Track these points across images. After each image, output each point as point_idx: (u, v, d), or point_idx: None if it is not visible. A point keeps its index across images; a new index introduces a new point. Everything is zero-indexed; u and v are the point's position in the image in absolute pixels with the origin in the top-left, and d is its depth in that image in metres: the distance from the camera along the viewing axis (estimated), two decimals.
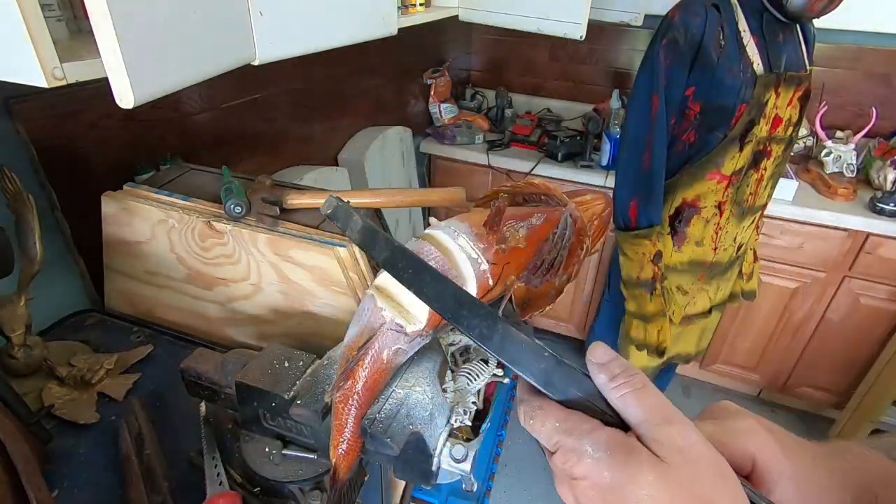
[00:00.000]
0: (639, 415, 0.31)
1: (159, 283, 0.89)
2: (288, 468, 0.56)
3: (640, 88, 1.19)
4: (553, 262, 0.51)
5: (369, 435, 0.42)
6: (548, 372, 0.32)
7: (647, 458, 0.29)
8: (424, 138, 2.30)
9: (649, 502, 0.28)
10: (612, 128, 2.05)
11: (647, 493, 0.28)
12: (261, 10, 0.69)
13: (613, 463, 0.29)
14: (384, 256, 0.35)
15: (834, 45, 2.01)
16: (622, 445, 0.30)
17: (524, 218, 0.49)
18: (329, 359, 0.53)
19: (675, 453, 0.29)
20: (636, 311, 1.36)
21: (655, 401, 0.31)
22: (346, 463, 0.44)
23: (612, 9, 2.02)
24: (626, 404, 0.31)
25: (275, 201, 0.82)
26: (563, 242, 0.51)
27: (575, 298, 2.36)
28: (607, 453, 0.30)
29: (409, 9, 1.48)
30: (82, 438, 0.68)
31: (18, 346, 0.72)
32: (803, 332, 2.07)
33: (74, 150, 0.89)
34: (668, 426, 0.30)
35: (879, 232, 1.76)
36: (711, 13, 1.11)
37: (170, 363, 0.81)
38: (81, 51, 0.55)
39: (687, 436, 0.30)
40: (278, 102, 1.38)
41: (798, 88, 1.21)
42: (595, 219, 0.59)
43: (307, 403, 0.48)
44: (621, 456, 0.30)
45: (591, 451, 0.30)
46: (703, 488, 0.29)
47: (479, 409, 0.50)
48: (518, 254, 0.47)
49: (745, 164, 1.23)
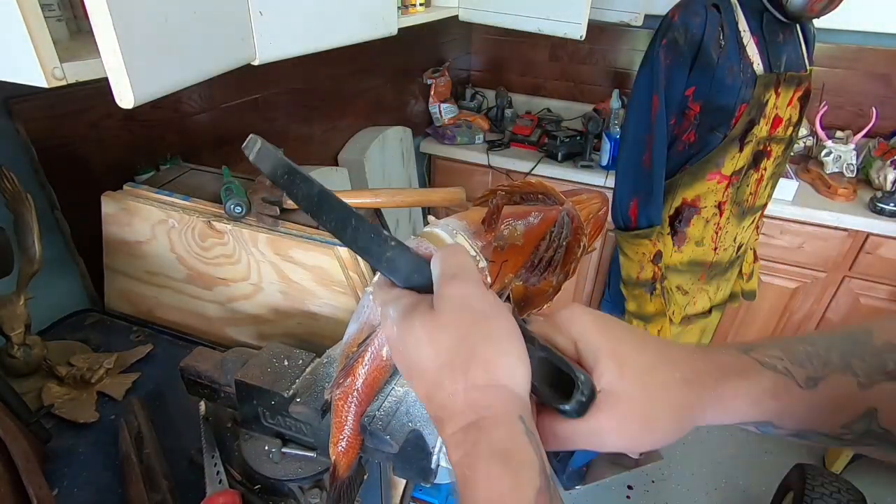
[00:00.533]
0: (434, 273, 0.34)
1: (159, 283, 0.90)
2: (287, 466, 0.56)
3: (640, 88, 1.19)
4: (551, 260, 0.51)
5: (369, 432, 0.42)
6: (393, 259, 0.35)
7: (423, 309, 0.32)
8: (424, 138, 2.30)
9: (417, 348, 0.31)
10: (612, 128, 2.05)
11: (416, 336, 0.32)
12: (261, 10, 0.69)
13: (400, 319, 0.33)
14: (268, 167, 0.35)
15: (834, 45, 2.01)
16: (412, 304, 0.33)
17: (522, 216, 0.49)
18: (329, 357, 0.53)
19: (445, 302, 0.32)
20: (636, 311, 1.36)
21: (455, 261, 0.34)
22: (345, 460, 0.44)
23: (612, 9, 2.02)
24: (433, 264, 0.35)
25: (275, 201, 0.82)
26: (561, 241, 0.51)
27: (575, 298, 2.36)
28: (398, 311, 0.33)
29: (409, 9, 1.48)
30: (82, 438, 0.69)
31: (18, 346, 0.73)
32: (803, 332, 2.06)
33: (74, 150, 0.89)
34: (452, 280, 0.33)
35: (879, 232, 1.76)
36: (711, 13, 1.11)
37: (169, 362, 0.81)
38: (81, 51, 0.55)
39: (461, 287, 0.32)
40: (278, 102, 1.38)
41: (798, 88, 1.21)
42: (592, 217, 0.59)
43: (307, 401, 0.48)
44: (406, 311, 0.33)
45: (391, 314, 0.34)
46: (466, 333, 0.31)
47: None
48: (516, 252, 0.48)
49: (745, 164, 1.23)
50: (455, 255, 0.35)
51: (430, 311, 0.32)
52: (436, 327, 0.31)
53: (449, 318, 0.31)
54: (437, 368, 0.31)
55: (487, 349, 0.31)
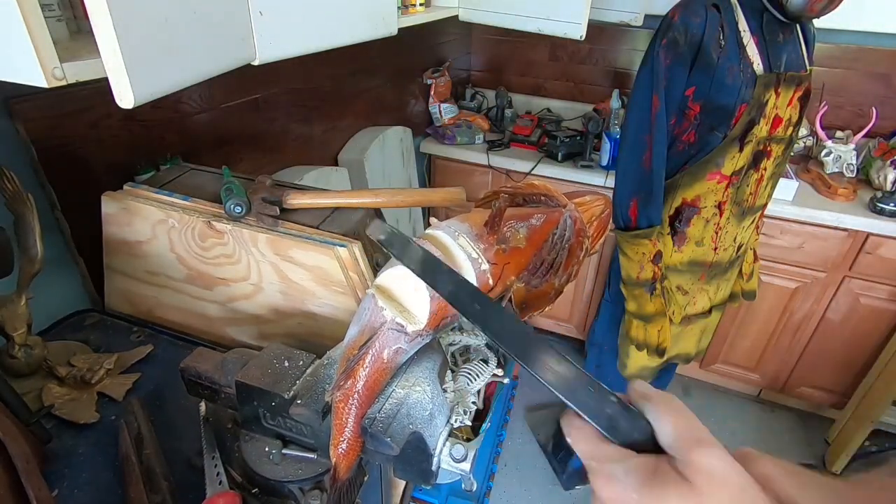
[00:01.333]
0: (671, 435, 0.31)
1: (159, 283, 0.90)
2: (288, 468, 0.56)
3: (641, 88, 1.19)
4: (553, 262, 0.51)
5: (369, 434, 0.42)
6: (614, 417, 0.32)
7: (674, 479, 0.29)
8: (424, 138, 2.30)
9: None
10: (612, 128, 2.05)
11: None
12: (261, 10, 0.69)
13: (640, 485, 0.30)
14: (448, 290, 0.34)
15: (834, 45, 2.01)
16: (651, 468, 0.31)
17: (524, 218, 0.49)
18: (329, 358, 0.53)
19: (701, 475, 0.29)
20: (636, 311, 1.36)
21: (688, 423, 0.32)
22: (346, 462, 0.44)
23: (612, 9, 2.02)
24: (661, 424, 0.32)
25: (275, 201, 0.82)
26: (563, 243, 0.51)
27: (575, 298, 2.36)
28: (636, 476, 0.30)
29: (409, 9, 1.48)
30: (82, 438, 0.68)
31: (19, 346, 0.72)
32: (803, 332, 2.07)
33: (74, 150, 0.89)
34: (698, 448, 0.30)
35: (879, 232, 1.76)
36: (711, 13, 1.11)
37: (169, 363, 0.81)
38: (81, 51, 0.55)
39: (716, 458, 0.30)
40: (278, 102, 1.38)
41: (798, 88, 1.21)
42: (594, 220, 0.59)
43: (307, 403, 0.48)
44: (648, 478, 0.30)
45: (620, 475, 0.31)
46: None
47: (479, 409, 0.50)
48: (518, 254, 0.47)
49: (745, 164, 1.23)
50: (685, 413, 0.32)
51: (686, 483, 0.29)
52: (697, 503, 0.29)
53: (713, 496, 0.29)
54: None
55: None
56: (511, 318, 0.34)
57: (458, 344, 0.56)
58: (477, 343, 0.58)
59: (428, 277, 0.34)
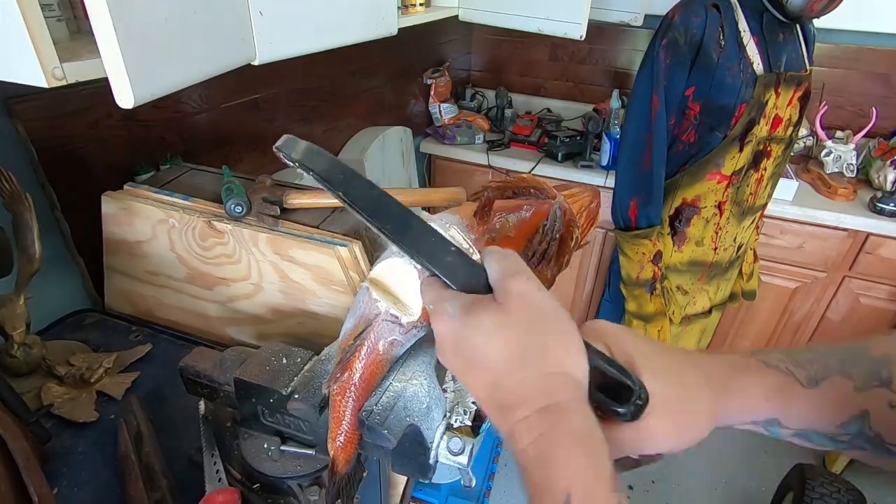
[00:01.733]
0: (494, 272, 0.35)
1: (160, 283, 0.90)
2: (287, 464, 0.56)
3: (641, 88, 1.19)
4: (544, 252, 0.51)
5: (367, 427, 0.42)
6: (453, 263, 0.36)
7: (488, 304, 0.33)
8: (424, 138, 2.30)
9: (486, 339, 0.32)
10: (612, 128, 2.05)
11: (481, 329, 0.33)
12: (261, 10, 0.69)
13: (461, 314, 0.34)
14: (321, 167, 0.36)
15: (834, 45, 2.01)
16: (473, 301, 0.34)
17: (514, 210, 0.50)
18: (327, 355, 0.53)
19: (512, 298, 0.33)
20: (636, 311, 1.36)
21: (511, 262, 0.35)
22: (344, 456, 0.44)
23: (612, 9, 2.02)
24: (489, 265, 0.36)
25: (275, 201, 0.83)
26: (553, 234, 0.52)
27: (575, 298, 2.36)
28: (460, 307, 0.34)
29: (409, 9, 1.48)
30: (81, 437, 0.69)
31: (18, 345, 0.73)
32: (803, 332, 2.07)
33: (74, 150, 0.89)
34: (513, 277, 0.34)
35: (879, 232, 1.76)
36: (711, 13, 1.11)
37: (168, 362, 0.81)
38: (81, 51, 0.55)
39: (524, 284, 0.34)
40: (278, 102, 1.38)
41: (798, 88, 1.21)
42: (584, 210, 0.60)
43: (305, 398, 0.48)
44: (470, 306, 0.34)
45: (449, 309, 0.35)
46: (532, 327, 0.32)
47: (479, 408, 0.50)
48: (509, 244, 0.48)
49: (746, 164, 1.23)
50: (511, 256, 0.36)
51: (497, 305, 0.33)
52: (506, 320, 0.32)
53: (517, 311, 0.33)
54: (507, 357, 0.32)
55: (558, 340, 0.33)
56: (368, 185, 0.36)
57: None
58: None
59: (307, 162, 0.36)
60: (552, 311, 0.34)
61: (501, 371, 0.32)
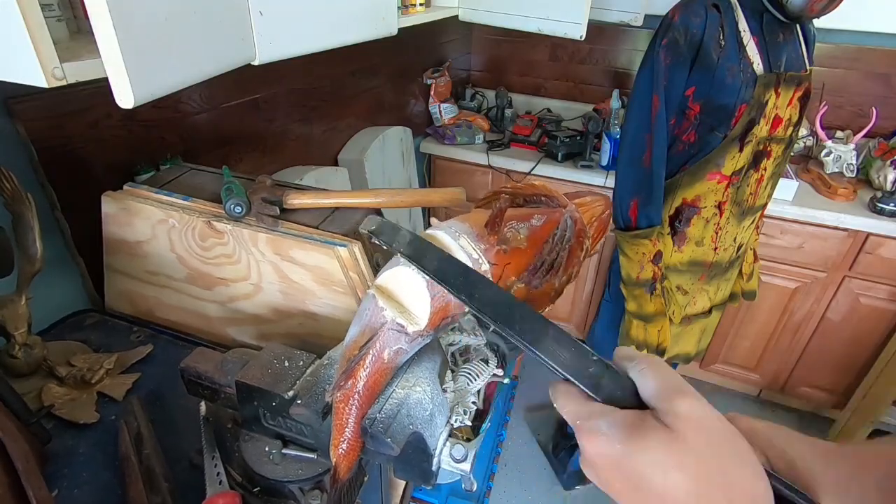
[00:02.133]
0: (652, 388, 0.32)
1: (160, 283, 0.90)
2: (288, 468, 0.56)
3: (641, 88, 1.19)
4: (553, 262, 0.51)
5: (370, 435, 0.42)
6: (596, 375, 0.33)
7: (656, 427, 0.30)
8: (424, 138, 2.30)
9: (657, 469, 0.29)
10: (612, 128, 2.05)
11: (655, 458, 0.29)
12: (261, 10, 0.69)
13: (624, 435, 0.30)
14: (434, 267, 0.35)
15: (834, 45, 2.01)
16: (634, 419, 0.31)
17: (525, 219, 0.49)
18: (329, 358, 0.53)
19: (681, 421, 0.30)
20: (636, 311, 1.36)
21: (669, 375, 0.32)
22: (346, 463, 0.44)
23: (612, 9, 2.02)
24: (644, 379, 0.33)
25: (275, 201, 0.82)
26: (563, 244, 0.51)
27: (575, 298, 2.36)
28: (619, 428, 0.31)
29: (409, 9, 1.48)
30: (82, 438, 0.68)
31: (19, 346, 0.72)
32: (803, 332, 2.07)
33: (74, 150, 0.89)
34: (680, 397, 0.31)
35: (879, 232, 1.76)
36: (711, 13, 1.11)
37: (169, 363, 0.81)
38: (81, 51, 0.55)
39: (696, 405, 0.30)
40: (278, 102, 1.38)
41: (798, 88, 1.21)
42: (595, 220, 0.59)
43: (307, 403, 0.48)
44: (632, 428, 0.31)
45: (605, 429, 0.31)
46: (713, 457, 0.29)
47: (479, 409, 0.50)
48: (519, 254, 0.47)
49: (746, 164, 1.23)
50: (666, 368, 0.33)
51: (668, 431, 0.30)
52: (682, 449, 0.29)
53: (694, 439, 0.29)
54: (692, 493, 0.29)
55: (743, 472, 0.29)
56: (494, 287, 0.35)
57: (458, 344, 0.56)
58: (477, 343, 0.58)
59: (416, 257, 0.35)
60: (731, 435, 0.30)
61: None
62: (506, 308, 0.34)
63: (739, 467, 0.29)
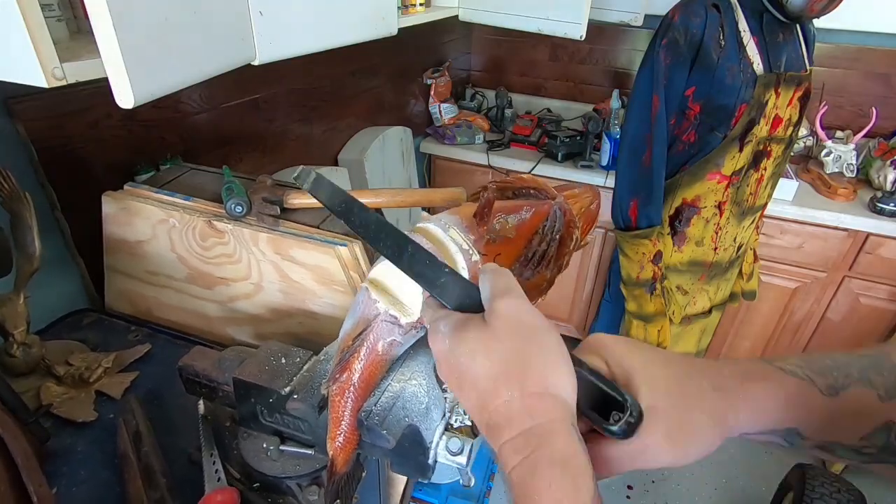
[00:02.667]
0: (485, 291, 0.36)
1: (160, 283, 0.90)
2: (286, 464, 0.56)
3: (641, 88, 1.19)
4: (544, 253, 0.51)
5: (366, 427, 0.42)
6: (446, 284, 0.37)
7: (476, 324, 0.34)
8: (424, 138, 2.30)
9: (471, 358, 0.33)
10: (612, 128, 2.05)
11: (469, 348, 0.33)
12: (261, 10, 0.69)
13: (451, 333, 0.35)
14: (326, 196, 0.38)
15: (834, 45, 2.01)
16: (463, 320, 0.35)
17: (514, 211, 0.50)
18: (326, 354, 0.53)
19: (497, 318, 0.33)
20: (636, 311, 1.36)
21: (501, 280, 0.36)
22: (343, 455, 0.44)
23: (612, 9, 2.02)
24: (482, 284, 0.37)
25: (275, 201, 0.83)
26: (553, 234, 0.52)
27: (575, 298, 2.36)
28: (451, 327, 0.35)
29: (409, 9, 1.48)
30: (80, 437, 0.69)
31: (18, 345, 0.73)
32: (803, 332, 2.07)
33: (74, 150, 0.89)
34: (501, 298, 0.34)
35: (879, 232, 1.76)
36: (711, 13, 1.11)
37: (168, 362, 0.81)
38: (81, 51, 0.55)
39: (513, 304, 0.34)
40: (278, 102, 1.38)
41: (798, 88, 1.21)
42: (584, 211, 0.60)
43: (304, 398, 0.49)
44: (458, 326, 0.35)
45: (442, 329, 0.36)
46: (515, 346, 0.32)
47: None
48: (508, 245, 0.48)
49: (746, 164, 1.23)
50: (503, 276, 0.36)
51: (484, 324, 0.34)
52: (491, 339, 0.33)
53: (503, 330, 0.33)
54: (492, 377, 0.32)
55: (541, 360, 0.32)
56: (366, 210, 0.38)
57: None
58: None
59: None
60: (538, 329, 0.33)
61: (488, 391, 0.32)
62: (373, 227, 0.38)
63: (539, 356, 0.32)
